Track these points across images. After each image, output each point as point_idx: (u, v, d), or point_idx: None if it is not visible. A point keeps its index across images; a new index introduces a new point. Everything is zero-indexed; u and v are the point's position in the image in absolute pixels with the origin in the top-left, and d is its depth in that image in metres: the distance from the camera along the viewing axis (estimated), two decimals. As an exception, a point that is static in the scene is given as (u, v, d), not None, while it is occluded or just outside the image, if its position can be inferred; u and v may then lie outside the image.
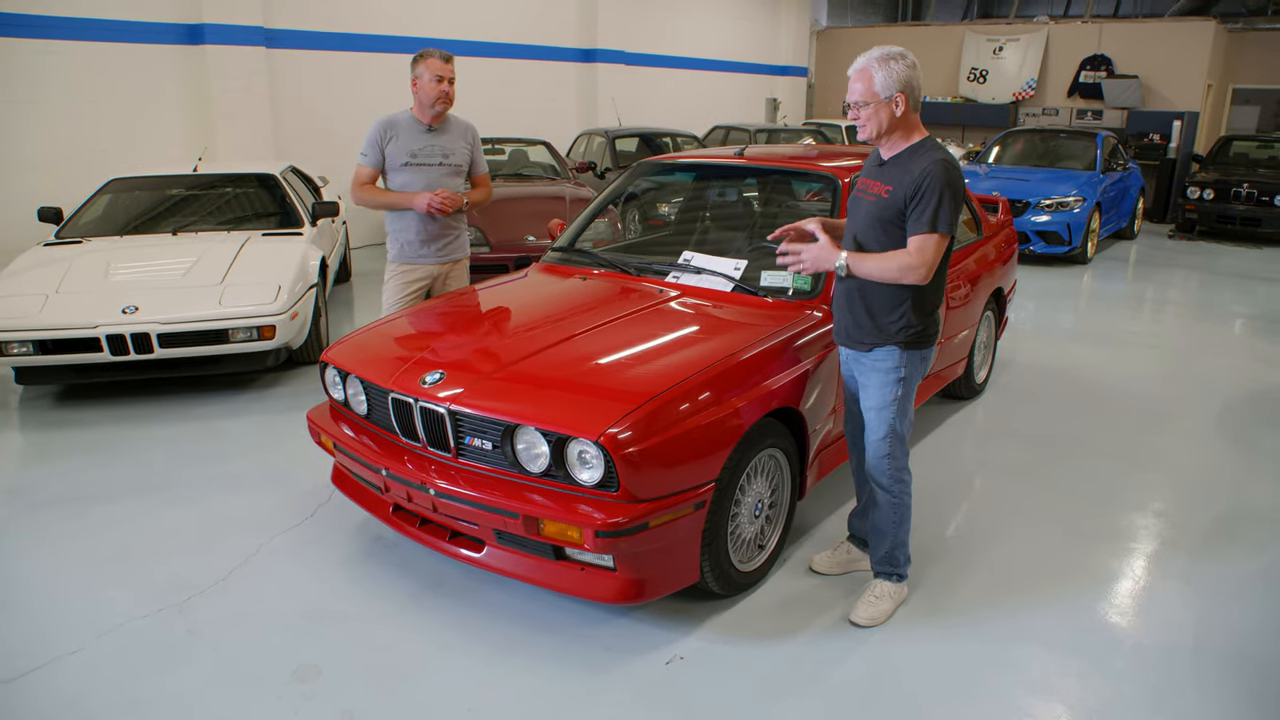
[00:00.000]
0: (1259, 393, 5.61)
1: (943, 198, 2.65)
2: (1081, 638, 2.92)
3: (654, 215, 4.92)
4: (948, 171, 2.68)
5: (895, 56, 2.71)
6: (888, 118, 2.72)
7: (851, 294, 2.87)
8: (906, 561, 3.06)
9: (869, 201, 2.84)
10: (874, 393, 2.91)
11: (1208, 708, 2.60)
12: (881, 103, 2.70)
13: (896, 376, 2.86)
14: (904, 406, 2.91)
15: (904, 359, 2.85)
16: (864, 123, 2.76)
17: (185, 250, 5.34)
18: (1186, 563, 3.45)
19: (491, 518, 2.72)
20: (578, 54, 12.29)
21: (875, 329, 2.83)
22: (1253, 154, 12.83)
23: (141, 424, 4.68)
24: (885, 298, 2.79)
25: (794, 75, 16.71)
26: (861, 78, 2.72)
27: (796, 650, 2.83)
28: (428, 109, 3.93)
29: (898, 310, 2.79)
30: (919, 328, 2.82)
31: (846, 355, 3.01)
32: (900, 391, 2.88)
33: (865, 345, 2.87)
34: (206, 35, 8.12)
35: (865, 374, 2.92)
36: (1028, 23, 15.70)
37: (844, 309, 2.92)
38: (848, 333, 2.93)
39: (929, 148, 2.75)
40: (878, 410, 2.90)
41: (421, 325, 3.53)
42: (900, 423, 2.91)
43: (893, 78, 2.68)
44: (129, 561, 3.32)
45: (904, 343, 2.82)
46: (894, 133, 2.76)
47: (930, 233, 2.66)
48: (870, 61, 2.71)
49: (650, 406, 2.65)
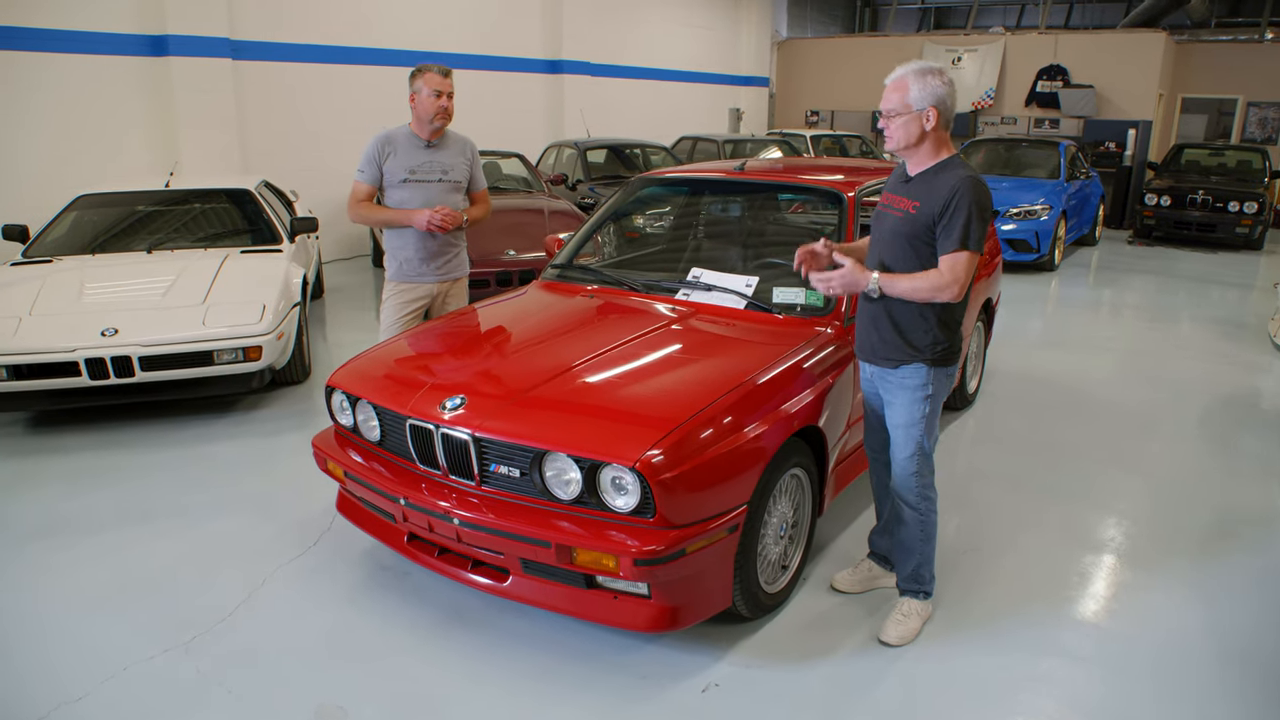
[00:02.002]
0: (1233, 395, 5.74)
1: (972, 215, 2.64)
2: (1104, 648, 2.94)
3: (653, 231, 4.87)
4: (976, 188, 2.67)
5: (933, 72, 2.72)
6: (918, 130, 2.72)
7: (878, 311, 2.85)
8: (931, 579, 3.05)
9: (894, 218, 2.82)
10: (901, 410, 2.89)
11: (1238, 712, 2.62)
12: (914, 115, 2.70)
13: (924, 394, 2.85)
14: (930, 424, 2.90)
15: (931, 376, 2.83)
16: (893, 133, 2.76)
17: (162, 269, 5.17)
18: (1190, 567, 3.50)
19: (521, 547, 2.65)
20: (544, 65, 12.22)
21: (903, 345, 2.81)
22: (1204, 161, 13.23)
23: (122, 450, 4.50)
24: (912, 314, 2.78)
25: (756, 85, 16.82)
26: (897, 88, 2.72)
27: (830, 672, 2.80)
28: (426, 124, 3.85)
29: (925, 326, 2.78)
30: (946, 344, 2.82)
31: (871, 372, 2.98)
32: (927, 409, 2.87)
33: (892, 362, 2.85)
34: (171, 47, 7.90)
35: (891, 391, 2.91)
36: (984, 34, 16.00)
37: (869, 326, 2.90)
38: (873, 349, 2.90)
39: (956, 165, 2.75)
40: (905, 428, 2.89)
41: (431, 347, 3.44)
42: (927, 440, 2.90)
43: (927, 91, 2.68)
44: (126, 598, 3.17)
45: (931, 360, 2.81)
46: (921, 146, 2.76)
47: (961, 250, 2.65)
48: (908, 73, 2.72)
49: (684, 430, 2.60)
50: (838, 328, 3.41)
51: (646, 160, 11.02)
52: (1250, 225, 11.41)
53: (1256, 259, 11.35)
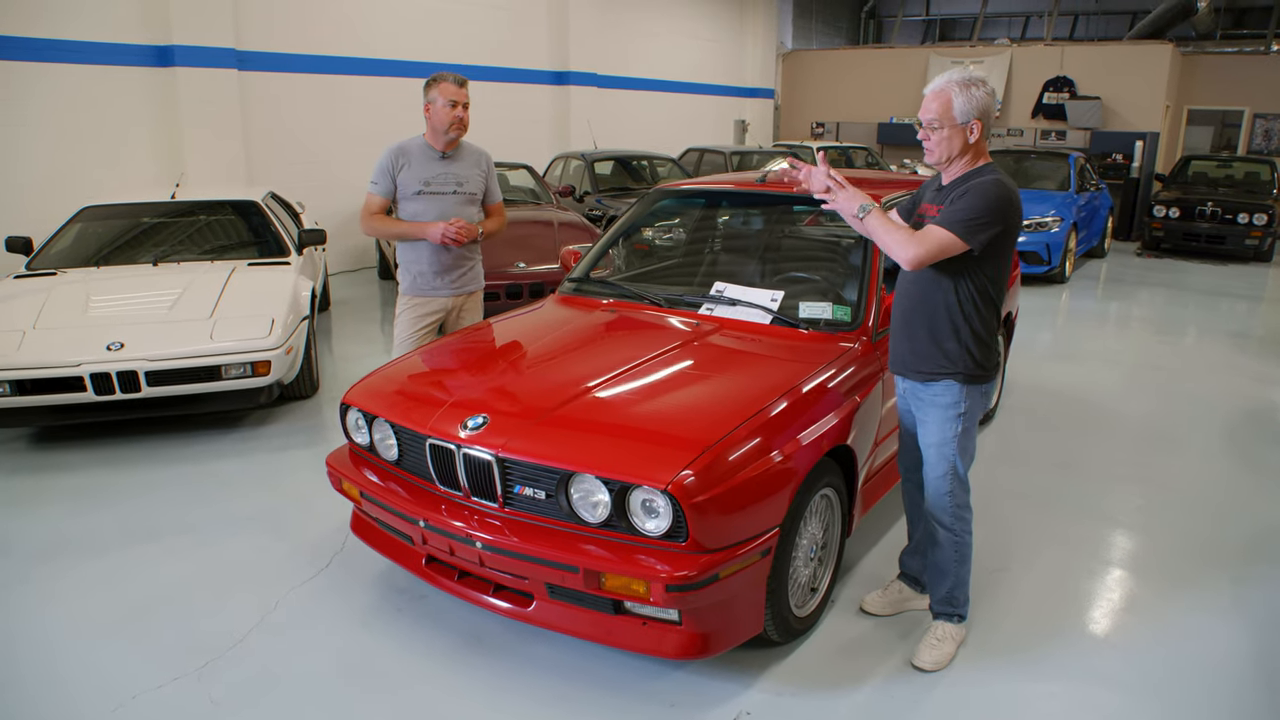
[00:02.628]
0: (1256, 410, 5.65)
1: (973, 206, 2.55)
2: (1146, 674, 2.84)
3: (671, 244, 4.78)
4: (1000, 191, 2.59)
5: (976, 83, 2.64)
6: (960, 144, 2.65)
7: (910, 319, 2.77)
8: (966, 601, 2.96)
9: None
10: (933, 429, 2.80)
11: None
12: (957, 128, 2.63)
13: (956, 412, 2.76)
14: (964, 444, 2.81)
15: (964, 394, 2.75)
16: (934, 146, 2.68)
17: (168, 281, 5.09)
18: (1229, 588, 3.40)
19: (547, 572, 2.55)
20: (550, 76, 12.18)
21: (937, 355, 2.73)
22: (1211, 173, 13.17)
23: (126, 467, 4.40)
24: (944, 322, 2.70)
25: (761, 97, 16.79)
26: (939, 99, 2.63)
27: (864, 700, 2.70)
28: (441, 135, 3.77)
29: (960, 335, 2.70)
30: (979, 358, 2.72)
31: (904, 387, 2.90)
32: (960, 428, 2.78)
33: (923, 375, 2.77)
34: (176, 57, 7.84)
35: (924, 409, 2.82)
36: (990, 45, 15.98)
37: (902, 336, 2.82)
38: (905, 361, 2.82)
39: (990, 171, 2.67)
40: (937, 447, 2.81)
41: (450, 363, 3.35)
42: (961, 460, 2.82)
43: (972, 104, 2.61)
44: (134, 622, 3.07)
45: (965, 376, 2.72)
46: (962, 158, 2.69)
47: (946, 229, 2.56)
48: (951, 84, 2.63)
49: (716, 451, 2.51)
50: (865, 343, 3.32)
51: (653, 172, 10.95)
52: (1260, 237, 11.34)
53: (1266, 271, 11.28)
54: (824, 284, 3.79)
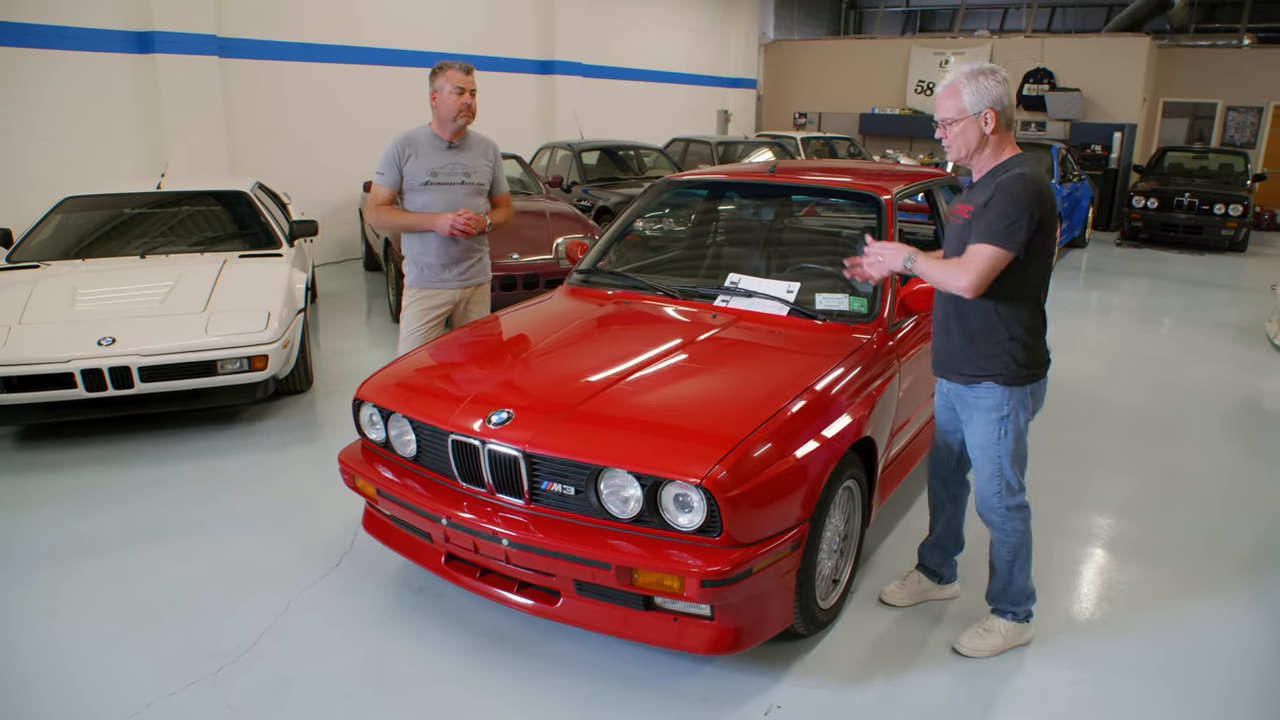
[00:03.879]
0: (1251, 399, 5.73)
1: (1006, 209, 2.48)
2: (1171, 665, 2.85)
3: (680, 235, 4.74)
4: (1026, 185, 2.50)
5: (986, 72, 2.58)
6: (976, 135, 2.58)
7: (949, 321, 2.73)
8: (1024, 600, 2.89)
9: (957, 226, 2.72)
10: (977, 430, 2.74)
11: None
12: (970, 119, 2.57)
13: (999, 415, 2.69)
14: (1008, 446, 2.70)
15: (1007, 396, 2.67)
16: (951, 141, 2.63)
17: (158, 274, 4.96)
18: (1247, 578, 3.42)
19: (576, 569, 2.51)
20: (536, 65, 12.06)
21: (975, 357, 2.68)
22: (1188, 164, 13.34)
23: (122, 466, 4.29)
24: (983, 322, 2.65)
25: (744, 87, 16.75)
26: (951, 94, 2.59)
27: (893, 690, 2.69)
28: (448, 124, 3.70)
29: (997, 336, 2.64)
30: (1021, 359, 2.64)
31: (948, 388, 2.85)
32: (1003, 431, 2.69)
33: (964, 377, 2.72)
34: (156, 44, 7.66)
35: (967, 410, 2.77)
36: (970, 37, 16.05)
37: (942, 337, 2.79)
38: (946, 363, 2.78)
39: (1015, 164, 2.59)
40: (981, 449, 2.75)
41: (465, 358, 3.28)
42: (1009, 464, 2.71)
43: (982, 93, 2.55)
44: (143, 627, 2.99)
45: (1008, 379, 2.65)
46: (983, 151, 2.62)
47: (986, 244, 2.49)
48: (959, 77, 2.58)
49: (748, 445, 2.48)
50: (881, 334, 3.30)
51: (640, 162, 10.88)
52: (1235, 227, 11.51)
53: (1242, 261, 11.45)
54: (837, 275, 3.76)
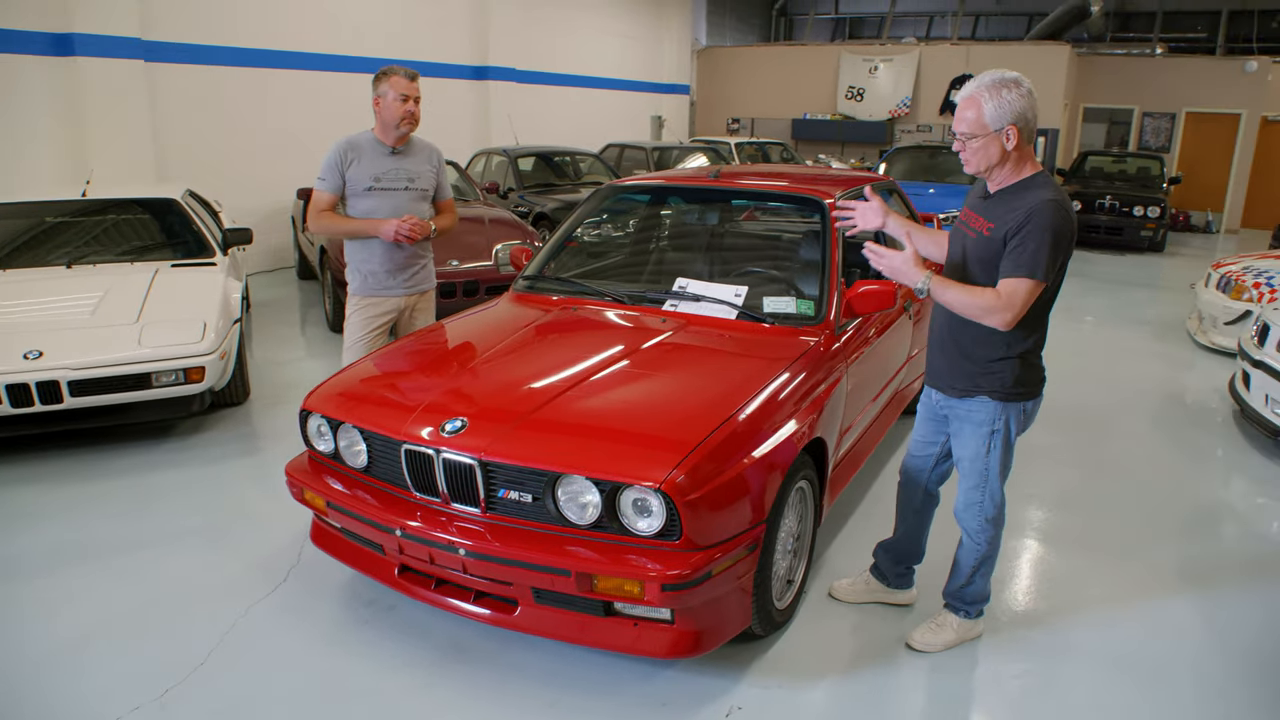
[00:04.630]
0: (1176, 393, 5.97)
1: (1044, 241, 2.40)
2: (1113, 647, 2.95)
3: (623, 241, 4.74)
4: (1057, 213, 2.42)
5: (1008, 84, 2.46)
6: (998, 151, 2.48)
7: (944, 335, 2.71)
8: (979, 601, 2.95)
9: (970, 239, 2.63)
10: (967, 443, 2.74)
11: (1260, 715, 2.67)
12: (992, 135, 2.46)
13: (989, 429, 2.68)
14: (996, 459, 2.71)
15: (999, 412, 2.65)
16: (970, 157, 2.53)
17: (86, 285, 4.79)
18: (1180, 564, 3.57)
19: (535, 576, 2.50)
20: (470, 71, 11.97)
21: (972, 373, 2.65)
22: (1107, 168, 13.86)
23: (52, 484, 4.12)
24: (984, 339, 2.59)
25: (678, 93, 16.86)
26: (970, 106, 2.47)
27: (851, 688, 2.74)
28: (392, 130, 3.65)
29: (996, 353, 2.60)
30: (1016, 375, 2.61)
31: (937, 399, 2.83)
32: (992, 444, 2.69)
33: (957, 391, 2.70)
34: (77, 46, 7.38)
35: (958, 423, 2.76)
36: (899, 44, 16.43)
37: (937, 351, 2.78)
38: (939, 375, 2.77)
39: (1039, 184, 2.50)
40: (970, 460, 2.75)
41: (414, 366, 3.23)
42: (994, 476, 2.73)
43: (1005, 108, 2.43)
44: (85, 649, 2.87)
45: (1002, 395, 2.63)
46: (1003, 166, 2.53)
47: (1025, 278, 2.42)
48: (980, 89, 2.46)
49: (705, 448, 2.50)
50: (828, 336, 3.35)
51: (576, 168, 10.88)
52: (1154, 229, 12.00)
53: (1160, 261, 11.94)
54: (783, 279, 3.82)
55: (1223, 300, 6.69)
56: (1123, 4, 17.98)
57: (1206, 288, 7.03)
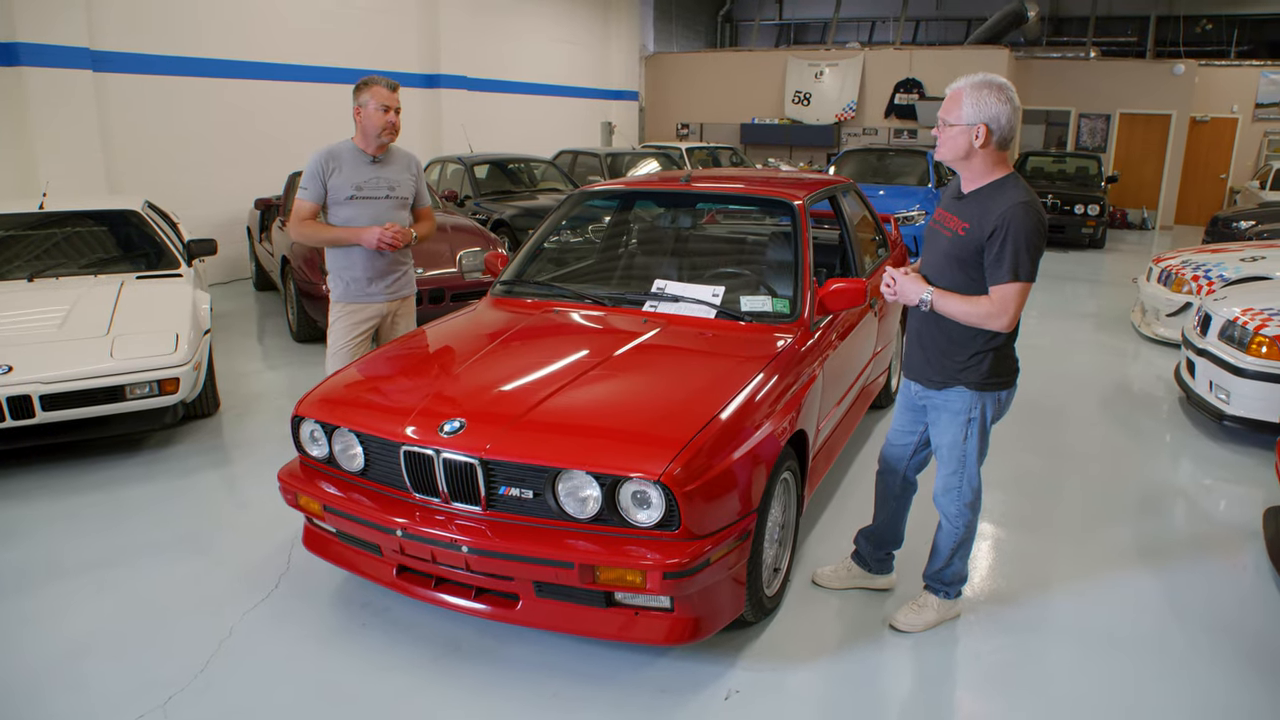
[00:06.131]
0: (1123, 382, 6.24)
1: (1022, 244, 2.55)
2: (1080, 620, 3.12)
3: (597, 245, 4.82)
4: (1029, 215, 2.56)
5: (992, 87, 2.60)
6: (964, 146, 2.62)
7: (923, 329, 2.85)
8: (958, 582, 3.08)
9: (945, 238, 2.76)
10: (945, 431, 2.88)
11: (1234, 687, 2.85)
12: (963, 128, 2.61)
13: (966, 418, 2.81)
14: (974, 446, 2.84)
15: (975, 401, 2.79)
16: (941, 143, 2.69)
17: (51, 298, 4.72)
18: (1139, 541, 3.76)
19: (538, 570, 2.57)
20: (421, 79, 11.94)
21: (949, 365, 2.78)
22: (1048, 168, 14.32)
23: (26, 499, 4.06)
24: (959, 334, 2.74)
25: (627, 99, 16.98)
26: (953, 98, 2.63)
27: (842, 668, 2.86)
28: (372, 139, 3.70)
29: (972, 347, 2.74)
30: (991, 367, 2.75)
31: (915, 389, 2.96)
32: (969, 431, 2.82)
33: (935, 383, 2.84)
34: (21, 56, 7.24)
35: (935, 412, 2.90)
36: (843, 49, 16.76)
37: (915, 344, 2.90)
38: (918, 368, 2.90)
39: (1010, 186, 2.64)
40: (949, 448, 2.88)
41: (403, 370, 3.28)
42: (972, 462, 2.86)
43: (981, 108, 2.58)
44: (83, 662, 2.86)
45: (978, 385, 2.77)
46: (970, 162, 2.66)
47: (1012, 282, 2.57)
48: (965, 85, 2.62)
49: (699, 441, 2.60)
50: (804, 332, 3.47)
51: (531, 175, 10.92)
52: (1094, 226, 12.44)
53: (1101, 257, 12.38)
54: (756, 278, 3.94)
55: (1164, 293, 6.99)
56: (1057, 9, 18.59)
57: (1148, 282, 7.34)
